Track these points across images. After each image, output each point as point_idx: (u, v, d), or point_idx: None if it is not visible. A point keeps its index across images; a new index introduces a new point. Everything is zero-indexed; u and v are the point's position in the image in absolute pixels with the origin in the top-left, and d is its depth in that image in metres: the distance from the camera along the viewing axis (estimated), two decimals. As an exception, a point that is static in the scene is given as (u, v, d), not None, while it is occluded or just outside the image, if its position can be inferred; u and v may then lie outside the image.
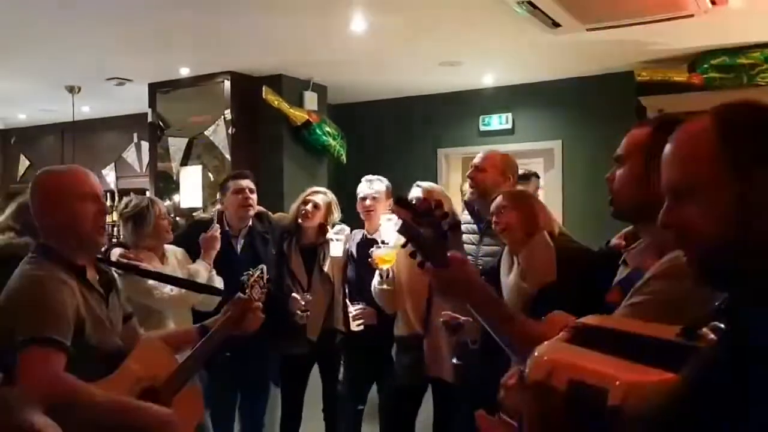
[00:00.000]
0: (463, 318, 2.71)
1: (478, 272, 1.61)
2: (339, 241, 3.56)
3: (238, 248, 3.58)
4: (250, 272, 2.43)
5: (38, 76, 6.02)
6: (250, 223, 3.62)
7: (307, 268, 3.64)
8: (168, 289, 3.04)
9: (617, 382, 0.89)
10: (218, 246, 3.35)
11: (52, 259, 1.95)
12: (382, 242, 3.41)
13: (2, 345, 1.81)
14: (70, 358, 1.82)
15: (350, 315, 3.50)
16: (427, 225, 1.52)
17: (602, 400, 0.89)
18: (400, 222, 1.57)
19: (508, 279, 2.77)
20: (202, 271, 3.22)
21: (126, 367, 1.99)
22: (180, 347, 2.25)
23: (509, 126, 6.54)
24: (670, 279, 1.28)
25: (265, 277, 2.44)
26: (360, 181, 3.73)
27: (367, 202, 3.56)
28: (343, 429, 3.74)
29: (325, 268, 3.62)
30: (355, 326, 3.48)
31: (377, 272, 3.32)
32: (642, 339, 1.01)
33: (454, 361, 2.66)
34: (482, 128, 6.65)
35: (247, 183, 3.59)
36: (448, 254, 1.56)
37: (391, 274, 3.31)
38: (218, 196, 3.75)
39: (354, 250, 3.60)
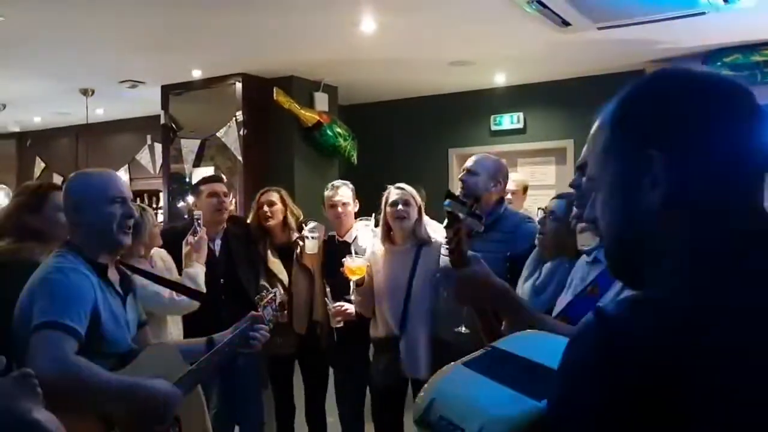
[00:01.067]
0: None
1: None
2: (314, 239, 3.64)
3: (216, 250, 3.60)
4: (264, 294, 2.47)
5: (53, 80, 6.08)
6: (224, 225, 3.66)
7: (286, 265, 3.70)
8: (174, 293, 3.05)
9: (472, 422, 0.89)
10: (206, 247, 3.38)
11: (76, 255, 2.03)
12: (355, 252, 3.46)
13: (24, 333, 1.87)
14: (83, 349, 1.87)
15: (330, 312, 3.55)
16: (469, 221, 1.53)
17: None
18: (451, 216, 1.55)
19: (525, 283, 2.74)
20: (201, 273, 3.24)
21: (135, 367, 2.03)
22: (190, 356, 2.27)
23: (521, 125, 6.53)
24: None
25: (278, 300, 2.47)
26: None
27: (339, 209, 3.64)
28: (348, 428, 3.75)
29: (303, 261, 3.68)
30: (335, 323, 3.53)
31: (352, 282, 3.36)
32: (533, 366, 0.99)
33: (463, 329, 2.65)
34: (494, 128, 6.64)
35: (220, 187, 3.64)
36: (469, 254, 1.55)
37: (366, 280, 3.35)
38: (191, 200, 3.79)
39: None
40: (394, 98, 6.95)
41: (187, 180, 6.26)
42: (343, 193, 3.66)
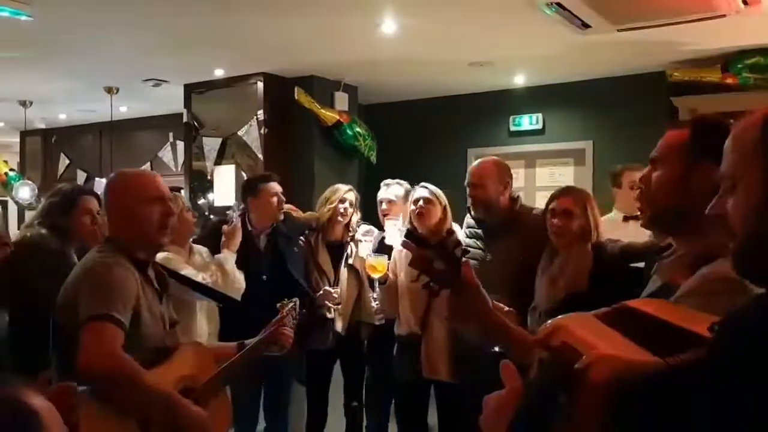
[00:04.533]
0: (506, 308, 2.73)
1: (487, 298, 1.63)
2: (368, 242, 3.67)
3: (261, 246, 3.65)
4: (285, 302, 2.53)
5: (79, 78, 6.20)
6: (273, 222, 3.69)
7: (334, 263, 3.72)
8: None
9: (593, 351, 0.95)
10: (240, 236, 3.43)
11: (119, 250, 2.09)
12: (377, 250, 3.48)
13: (69, 324, 1.93)
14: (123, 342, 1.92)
15: (372, 310, 3.59)
16: (440, 257, 1.53)
17: (573, 360, 0.95)
18: (411, 256, 1.59)
19: (542, 278, 2.79)
20: (230, 258, 3.31)
21: (171, 364, 2.08)
22: (219, 359, 2.35)
23: (540, 126, 6.53)
24: (703, 296, 1.25)
25: (297, 309, 2.55)
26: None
27: (384, 206, 3.67)
28: (373, 425, 3.80)
29: (352, 263, 3.71)
30: (377, 320, 3.58)
31: (375, 280, 3.39)
32: (666, 326, 1.04)
33: (497, 348, 2.71)
34: (512, 128, 6.65)
35: (278, 187, 3.68)
36: (464, 280, 1.57)
37: (389, 278, 3.37)
38: (240, 197, 3.84)
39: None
40: (414, 98, 6.98)
41: (209, 178, 6.36)
42: (393, 191, 3.70)
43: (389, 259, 3.46)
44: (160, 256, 2.62)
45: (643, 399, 0.87)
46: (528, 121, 6.57)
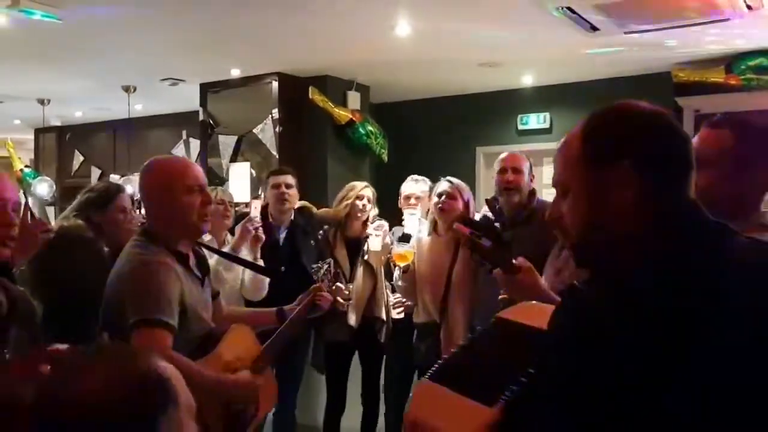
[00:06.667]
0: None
1: (539, 276, 1.82)
2: (378, 236, 3.72)
3: (281, 239, 3.73)
4: (320, 264, 2.64)
5: (98, 77, 6.35)
6: (292, 216, 3.77)
7: (351, 258, 3.78)
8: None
9: None
10: (248, 237, 3.46)
11: (158, 245, 2.07)
12: (399, 239, 3.59)
13: (116, 324, 1.99)
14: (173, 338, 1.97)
15: (390, 304, 3.70)
16: (489, 238, 1.72)
17: None
18: (465, 238, 1.79)
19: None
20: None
21: (217, 352, 2.14)
22: (259, 325, 2.43)
23: (547, 125, 6.66)
24: None
25: (332, 271, 2.65)
26: (401, 179, 3.90)
27: (412, 201, 3.74)
28: (392, 417, 3.91)
29: (368, 259, 3.77)
30: (396, 314, 3.69)
31: (397, 268, 3.50)
32: (528, 332, 1.25)
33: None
34: (520, 127, 6.79)
35: (284, 179, 3.73)
36: (515, 261, 1.76)
37: (411, 268, 3.49)
38: (260, 190, 3.95)
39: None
40: (424, 97, 7.12)
41: (224, 175, 6.49)
42: (421, 187, 3.76)
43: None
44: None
45: None
46: (536, 120, 6.70)
